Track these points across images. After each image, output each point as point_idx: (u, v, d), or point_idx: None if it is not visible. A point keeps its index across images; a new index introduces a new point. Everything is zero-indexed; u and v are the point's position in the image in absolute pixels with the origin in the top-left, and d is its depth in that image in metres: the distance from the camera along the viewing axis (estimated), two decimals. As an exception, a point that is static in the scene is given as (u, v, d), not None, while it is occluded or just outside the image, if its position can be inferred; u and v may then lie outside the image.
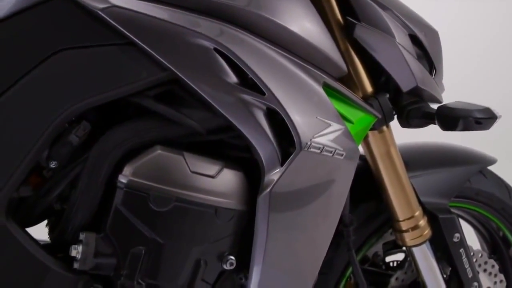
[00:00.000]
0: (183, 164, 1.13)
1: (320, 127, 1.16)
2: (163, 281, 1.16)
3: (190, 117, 1.13)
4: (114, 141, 1.11)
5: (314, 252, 1.27)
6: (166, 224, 1.13)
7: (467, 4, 3.98)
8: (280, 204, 1.17)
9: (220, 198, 1.16)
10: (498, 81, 3.93)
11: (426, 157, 1.58)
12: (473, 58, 3.83)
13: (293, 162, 1.15)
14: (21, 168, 1.08)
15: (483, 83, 3.77)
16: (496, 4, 4.05)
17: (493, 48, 4.03)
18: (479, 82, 3.74)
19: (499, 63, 3.99)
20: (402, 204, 1.45)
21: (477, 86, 3.56)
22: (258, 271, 1.19)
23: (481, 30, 3.96)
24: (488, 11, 4.04)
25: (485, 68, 3.93)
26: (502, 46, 4.04)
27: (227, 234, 1.18)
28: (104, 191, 1.13)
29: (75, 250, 1.11)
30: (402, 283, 1.60)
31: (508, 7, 4.09)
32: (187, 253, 1.16)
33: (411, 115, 1.38)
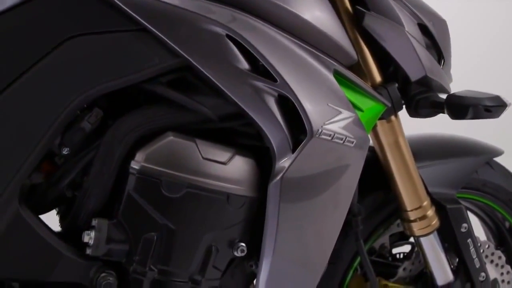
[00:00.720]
0: (195, 151, 1.14)
1: (331, 114, 1.17)
2: (175, 267, 1.16)
3: (202, 103, 1.14)
4: (126, 127, 1.11)
5: (323, 241, 1.27)
6: (178, 210, 1.13)
7: (467, 4, 3.99)
8: (291, 191, 1.17)
9: (232, 185, 1.16)
10: (498, 80, 3.94)
11: (433, 148, 1.59)
12: (473, 58, 3.84)
13: (304, 148, 1.15)
14: (33, 154, 1.08)
15: (483, 83, 3.77)
16: (496, 4, 4.05)
17: (493, 48, 4.04)
18: (478, 81, 3.74)
19: (499, 63, 4.00)
20: (410, 194, 1.45)
21: (476, 86, 3.56)
22: (268, 259, 1.19)
23: (481, 29, 3.97)
24: (488, 11, 4.05)
25: (485, 67, 3.94)
26: (502, 45, 4.05)
27: (238, 221, 1.18)
28: (116, 177, 1.13)
29: (88, 236, 1.11)
30: (410, 274, 1.61)
31: (509, 7, 4.10)
32: (199, 239, 1.16)
33: (420, 104, 1.39)
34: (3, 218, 1.08)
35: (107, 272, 1.13)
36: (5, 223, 1.08)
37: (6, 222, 1.08)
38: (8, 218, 1.08)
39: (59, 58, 1.08)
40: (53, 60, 1.08)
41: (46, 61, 1.08)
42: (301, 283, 1.27)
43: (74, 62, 1.09)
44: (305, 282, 1.28)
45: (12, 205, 1.08)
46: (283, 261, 1.22)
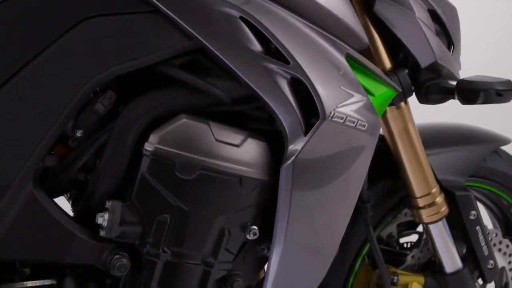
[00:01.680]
0: (209, 133, 1.14)
1: (343, 97, 1.17)
2: (188, 249, 1.16)
3: (215, 86, 1.14)
4: (140, 109, 1.12)
5: (334, 227, 1.27)
6: (192, 192, 1.13)
7: (468, 3, 4.00)
8: (303, 174, 1.17)
9: (245, 167, 1.16)
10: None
11: (442, 136, 1.59)
12: (473, 55, 3.84)
13: (316, 131, 1.15)
14: (47, 137, 1.09)
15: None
16: (496, 3, 4.06)
17: (493, 46, 4.04)
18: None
19: (499, 61, 4.01)
20: (419, 180, 1.46)
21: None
22: (280, 244, 1.20)
23: (482, 28, 3.97)
24: (488, 10, 4.06)
25: (485, 65, 3.94)
26: (502, 43, 4.06)
27: (251, 203, 1.19)
28: (129, 159, 1.13)
29: (101, 218, 1.11)
30: (418, 261, 1.61)
31: (509, 5, 4.11)
32: (212, 221, 1.16)
33: (430, 90, 1.39)
34: (18, 201, 1.08)
35: (120, 254, 1.14)
36: (20, 205, 1.08)
37: (21, 204, 1.08)
38: (22, 201, 1.08)
39: (73, 40, 1.08)
40: (67, 42, 1.08)
41: (60, 43, 1.08)
42: (312, 269, 1.28)
43: (88, 44, 1.09)
44: (316, 268, 1.28)
45: (26, 188, 1.08)
46: (294, 247, 1.22)
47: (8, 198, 1.07)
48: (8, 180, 1.06)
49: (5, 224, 1.08)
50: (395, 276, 1.53)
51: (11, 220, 1.08)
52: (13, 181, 1.07)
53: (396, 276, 1.53)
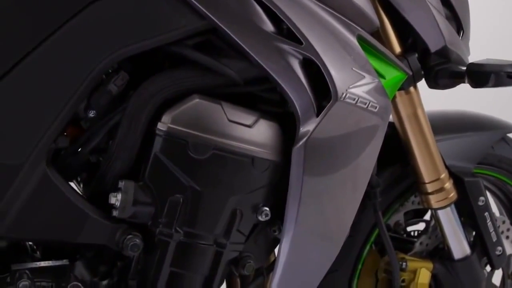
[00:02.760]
0: (221, 113, 1.14)
1: (355, 78, 1.17)
2: (200, 229, 1.17)
3: (228, 66, 1.14)
4: (153, 89, 1.12)
5: (344, 211, 1.27)
6: (204, 172, 1.14)
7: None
8: (315, 156, 1.17)
9: (257, 148, 1.17)
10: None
11: (450, 122, 1.60)
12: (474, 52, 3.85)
13: (328, 112, 1.16)
14: (59, 117, 1.09)
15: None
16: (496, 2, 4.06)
17: (493, 42, 4.05)
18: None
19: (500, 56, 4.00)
20: (428, 165, 1.46)
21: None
22: (291, 224, 1.20)
23: (482, 26, 3.98)
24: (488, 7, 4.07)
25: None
26: (503, 40, 4.06)
27: (262, 184, 1.19)
28: (142, 140, 1.14)
29: (114, 197, 1.12)
30: (426, 248, 1.61)
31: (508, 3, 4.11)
32: (224, 202, 1.16)
33: (439, 75, 1.39)
34: (31, 180, 1.08)
35: (133, 234, 1.14)
36: (33, 184, 1.09)
37: (34, 184, 1.09)
38: (36, 180, 1.09)
39: (85, 20, 1.08)
40: (79, 22, 1.08)
41: (72, 23, 1.08)
42: (322, 254, 1.28)
43: (100, 24, 1.09)
44: (326, 254, 1.28)
45: (40, 167, 1.09)
46: (305, 229, 1.22)
47: (22, 177, 1.07)
48: (22, 159, 1.07)
49: (18, 204, 1.08)
50: (403, 262, 1.53)
51: (24, 199, 1.09)
52: (26, 161, 1.07)
53: (405, 262, 1.53)
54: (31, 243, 1.30)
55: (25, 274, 1.11)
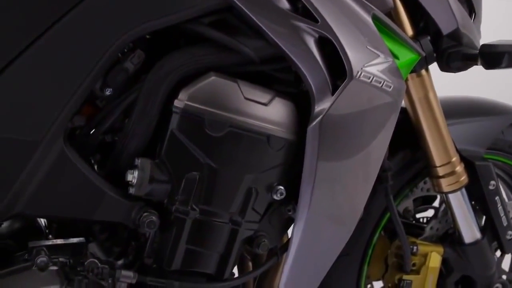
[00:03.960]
0: (237, 90, 1.15)
1: (370, 57, 1.18)
2: (216, 207, 1.17)
3: (244, 44, 1.15)
4: (169, 66, 1.12)
5: (358, 193, 1.27)
6: (220, 149, 1.14)
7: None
8: (329, 135, 1.18)
9: (272, 126, 1.17)
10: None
11: (460, 107, 1.60)
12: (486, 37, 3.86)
13: (344, 90, 1.16)
14: (76, 94, 1.09)
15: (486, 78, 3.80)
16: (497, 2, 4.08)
17: (506, 26, 4.06)
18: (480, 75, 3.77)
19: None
20: (439, 149, 1.47)
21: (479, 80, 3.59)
22: (306, 204, 1.20)
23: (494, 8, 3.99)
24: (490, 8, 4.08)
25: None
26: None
27: (278, 163, 1.19)
28: (158, 118, 1.14)
29: (131, 175, 1.12)
30: (436, 233, 1.62)
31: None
32: (240, 180, 1.17)
33: (451, 57, 1.40)
34: (49, 157, 1.09)
35: (149, 211, 1.14)
36: (51, 161, 1.09)
37: (52, 160, 1.09)
38: (53, 157, 1.09)
39: None
40: (96, 0, 1.09)
41: (89, 1, 1.08)
42: (335, 236, 1.28)
43: (116, 2, 1.10)
44: (338, 236, 1.28)
45: (57, 144, 1.09)
46: (319, 210, 1.22)
47: (40, 154, 1.08)
48: (40, 136, 1.07)
49: (36, 181, 1.09)
50: (414, 246, 1.54)
51: (42, 176, 1.09)
52: (44, 137, 1.08)
53: (416, 246, 1.54)
54: (45, 223, 1.31)
55: (43, 251, 1.11)
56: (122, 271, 1.12)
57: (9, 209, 1.08)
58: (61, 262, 1.11)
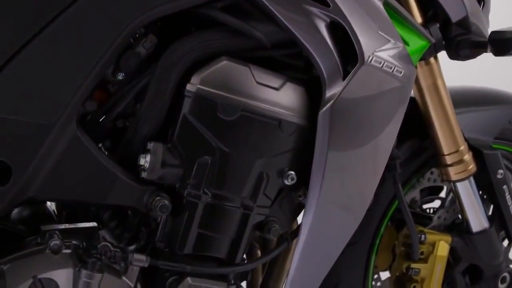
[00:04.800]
0: (249, 75, 1.15)
1: (381, 42, 1.18)
2: (228, 191, 1.17)
3: (256, 29, 1.15)
4: (182, 50, 1.13)
5: (367, 182, 1.27)
6: (233, 133, 1.15)
7: None
8: (340, 120, 1.18)
9: (284, 110, 1.18)
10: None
11: (468, 96, 1.61)
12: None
13: (355, 75, 1.16)
14: (89, 79, 1.10)
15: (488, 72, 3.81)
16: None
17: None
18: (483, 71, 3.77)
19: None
20: (447, 137, 1.47)
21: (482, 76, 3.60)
22: (316, 189, 1.21)
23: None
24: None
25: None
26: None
27: (289, 148, 1.20)
28: (170, 102, 1.15)
29: (143, 159, 1.12)
30: (444, 222, 1.62)
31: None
32: (251, 164, 1.17)
33: (461, 45, 1.40)
34: (62, 141, 1.09)
35: (161, 195, 1.14)
36: (64, 145, 1.09)
37: (64, 144, 1.09)
38: (66, 141, 1.10)
39: None
40: None
41: None
42: (344, 224, 1.28)
43: None
44: (347, 224, 1.29)
45: (70, 128, 1.09)
46: (329, 197, 1.22)
47: (53, 137, 1.08)
48: (53, 119, 1.08)
49: (49, 164, 1.09)
50: (422, 235, 1.54)
51: (55, 160, 1.09)
52: (57, 121, 1.08)
53: (424, 234, 1.54)
54: (54, 211, 1.31)
55: (55, 234, 1.11)
56: (135, 255, 1.13)
57: (22, 193, 1.09)
58: (74, 245, 1.11)
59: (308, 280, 1.30)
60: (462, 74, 1.81)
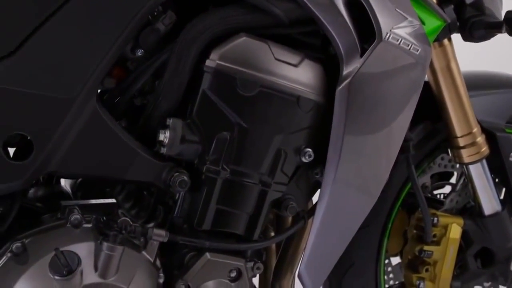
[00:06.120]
0: (268, 51, 1.16)
1: (398, 19, 1.19)
2: (246, 167, 1.18)
3: (275, 5, 1.16)
4: (201, 26, 1.13)
5: (382, 162, 1.28)
6: (251, 109, 1.15)
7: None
8: (358, 97, 1.19)
9: (302, 87, 1.18)
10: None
11: (480, 80, 1.62)
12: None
13: (373, 52, 1.17)
14: (108, 55, 1.10)
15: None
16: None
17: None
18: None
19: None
20: (460, 119, 1.48)
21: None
22: (333, 168, 1.21)
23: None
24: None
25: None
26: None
27: (306, 125, 1.20)
28: (189, 78, 1.15)
29: (163, 134, 1.13)
30: (456, 205, 1.62)
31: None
32: (269, 140, 1.18)
33: (475, 26, 1.41)
34: (82, 116, 1.09)
35: (180, 171, 1.15)
36: (84, 120, 1.10)
37: (85, 119, 1.10)
38: (86, 116, 1.10)
39: None
40: None
41: None
42: (359, 204, 1.28)
43: None
44: (362, 204, 1.29)
45: (90, 103, 1.10)
46: (345, 176, 1.23)
47: (73, 112, 1.09)
48: (74, 93, 1.08)
49: (69, 139, 1.09)
50: (435, 217, 1.54)
51: (75, 135, 1.10)
52: (78, 96, 1.08)
53: (436, 217, 1.55)
54: (69, 192, 1.32)
55: (75, 209, 1.12)
56: (154, 230, 1.13)
57: (42, 168, 1.09)
58: (95, 219, 1.12)
59: (323, 260, 1.30)
60: (476, 62, 1.81)
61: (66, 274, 1.04)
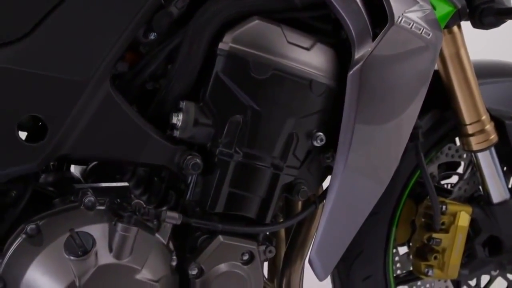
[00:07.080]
0: (281, 34, 1.16)
1: (410, 3, 1.20)
2: (259, 150, 1.18)
3: None
4: (214, 9, 1.14)
5: (393, 148, 1.28)
6: (264, 92, 1.16)
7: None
8: (370, 81, 1.19)
9: (315, 71, 1.19)
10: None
11: (490, 68, 1.62)
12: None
13: (385, 36, 1.17)
14: (122, 38, 1.11)
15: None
16: None
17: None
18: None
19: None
20: (469, 107, 1.48)
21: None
22: (344, 152, 1.21)
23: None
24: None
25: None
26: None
27: (318, 109, 1.21)
28: (202, 62, 1.15)
29: (176, 117, 1.13)
30: (464, 194, 1.63)
31: None
32: (282, 123, 1.18)
33: (484, 13, 1.41)
34: (96, 98, 1.10)
35: (193, 154, 1.15)
36: (97, 102, 1.10)
37: (98, 101, 1.10)
38: (100, 98, 1.10)
39: None
40: None
41: None
42: (369, 189, 1.29)
43: None
44: (373, 188, 1.29)
45: (104, 86, 1.10)
46: (357, 160, 1.23)
47: (87, 94, 1.09)
48: (87, 76, 1.09)
49: (83, 122, 1.10)
50: (443, 205, 1.54)
51: (89, 117, 1.10)
52: (92, 78, 1.09)
53: (445, 205, 1.54)
54: (79, 177, 1.32)
55: (89, 192, 1.12)
56: (168, 212, 1.13)
57: (56, 150, 1.09)
58: (108, 201, 1.12)
59: (334, 246, 1.31)
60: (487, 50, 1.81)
61: (81, 254, 1.04)
